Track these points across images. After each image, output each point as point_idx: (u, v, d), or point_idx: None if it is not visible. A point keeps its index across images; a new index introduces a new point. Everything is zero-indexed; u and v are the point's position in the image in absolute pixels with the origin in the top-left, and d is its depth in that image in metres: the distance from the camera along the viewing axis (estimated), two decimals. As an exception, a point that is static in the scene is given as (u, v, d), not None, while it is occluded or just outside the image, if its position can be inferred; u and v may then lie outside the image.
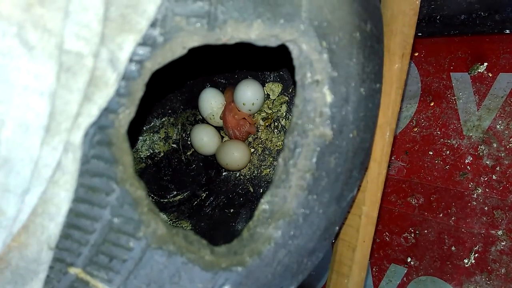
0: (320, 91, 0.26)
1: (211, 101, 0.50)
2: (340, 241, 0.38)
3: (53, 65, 0.20)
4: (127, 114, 0.23)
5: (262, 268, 0.27)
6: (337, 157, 0.27)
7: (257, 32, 0.24)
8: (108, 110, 0.22)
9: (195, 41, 0.23)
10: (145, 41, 0.22)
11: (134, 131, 0.55)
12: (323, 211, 0.28)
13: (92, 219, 0.23)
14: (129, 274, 0.24)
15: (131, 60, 0.22)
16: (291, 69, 0.26)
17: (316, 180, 0.27)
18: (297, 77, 0.26)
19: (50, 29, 0.19)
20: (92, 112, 0.21)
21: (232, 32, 0.24)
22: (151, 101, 0.53)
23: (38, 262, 0.24)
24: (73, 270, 0.25)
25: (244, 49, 0.50)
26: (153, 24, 0.22)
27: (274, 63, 0.50)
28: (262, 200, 0.27)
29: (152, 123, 0.54)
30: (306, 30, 0.24)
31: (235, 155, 0.49)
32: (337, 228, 0.31)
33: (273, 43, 0.25)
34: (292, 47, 0.25)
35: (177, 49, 0.23)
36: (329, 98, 0.26)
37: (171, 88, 0.54)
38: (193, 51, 0.24)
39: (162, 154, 0.55)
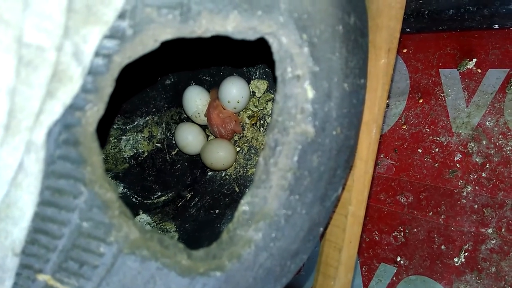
0: (301, 87, 0.25)
1: (195, 99, 0.49)
2: (326, 241, 0.37)
3: (11, 59, 0.18)
4: (95, 111, 0.21)
5: (242, 272, 0.25)
6: (320, 155, 0.26)
7: (234, 24, 0.23)
8: (73, 107, 0.21)
9: (167, 34, 0.22)
10: (112, 34, 0.21)
11: (118, 131, 0.54)
12: (306, 211, 0.27)
13: (60, 223, 0.22)
14: (101, 280, 0.23)
15: (97, 54, 0.21)
16: (272, 65, 0.25)
17: (298, 179, 0.26)
18: (278, 72, 0.25)
19: (7, 20, 0.18)
20: (55, 109, 0.20)
21: (207, 24, 0.22)
22: (135, 99, 0.52)
23: (3, 269, 0.22)
24: (41, 277, 0.23)
25: (229, 45, 0.49)
26: (121, 16, 0.21)
27: (259, 59, 0.49)
28: (242, 201, 0.26)
29: (136, 122, 0.53)
30: (285, 22, 0.23)
31: (220, 154, 0.47)
32: (321, 229, 0.30)
33: (251, 36, 0.23)
34: (271, 41, 0.24)
35: (148, 42, 0.22)
36: (310, 93, 0.25)
37: (155, 86, 0.52)
38: (177, 48, 0.23)
39: (146, 154, 0.54)
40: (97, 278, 0.23)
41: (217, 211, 0.48)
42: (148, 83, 0.52)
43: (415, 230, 0.53)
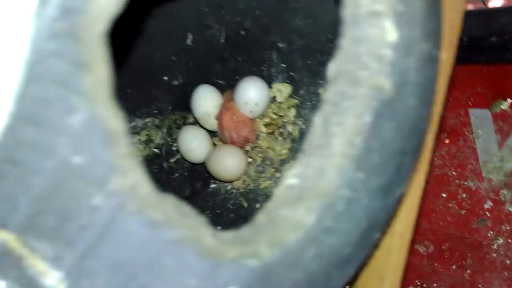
0: (379, 26, 0.19)
1: (207, 99, 0.44)
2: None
3: None
4: (105, 3, 0.15)
5: (282, 270, 0.18)
6: (394, 127, 0.20)
7: None
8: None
9: None
10: None
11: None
12: (368, 201, 0.20)
13: (40, 151, 0.15)
14: (88, 249, 0.15)
15: None
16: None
17: (368, 151, 0.19)
18: (346, 11, 0.19)
19: None
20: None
21: None
22: (135, 98, 0.46)
23: None
24: (1, 235, 0.15)
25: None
26: None
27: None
28: (287, 174, 0.19)
29: (133, 123, 0.47)
30: None
31: (229, 162, 0.41)
32: (377, 235, 0.23)
33: None
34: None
35: None
36: (392, 35, 0.19)
37: (160, 85, 0.47)
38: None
39: (141, 160, 0.47)
40: (83, 244, 0.15)
41: (218, 228, 0.41)
42: (152, 81, 0.46)
43: (435, 285, 0.49)
